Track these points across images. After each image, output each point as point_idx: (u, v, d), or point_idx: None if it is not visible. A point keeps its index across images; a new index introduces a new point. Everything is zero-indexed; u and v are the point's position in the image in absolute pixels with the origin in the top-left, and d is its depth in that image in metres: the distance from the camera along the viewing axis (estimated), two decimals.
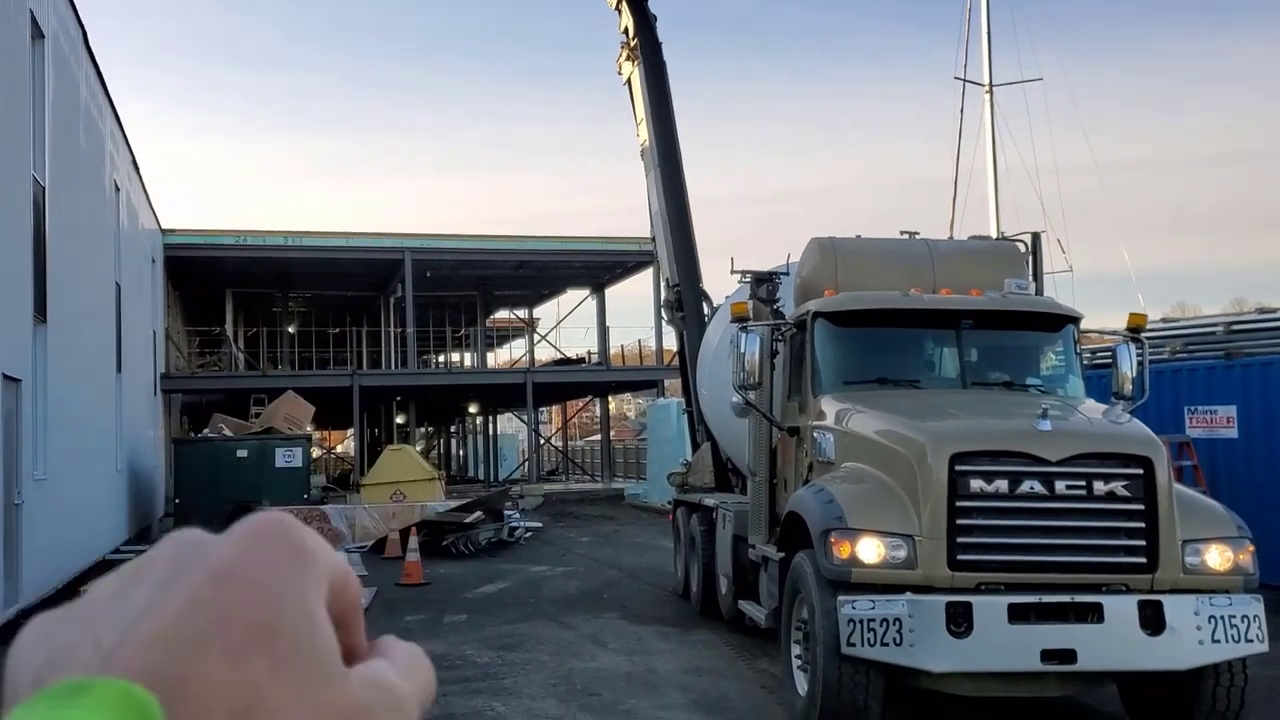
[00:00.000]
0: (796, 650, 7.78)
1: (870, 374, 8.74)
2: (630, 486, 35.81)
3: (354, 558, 19.12)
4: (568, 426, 54.02)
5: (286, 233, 34.14)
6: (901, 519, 7.13)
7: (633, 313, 73.96)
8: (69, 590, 13.96)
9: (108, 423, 20.24)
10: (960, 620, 6.84)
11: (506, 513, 22.04)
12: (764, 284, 10.55)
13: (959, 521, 7.03)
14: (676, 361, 34.99)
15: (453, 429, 62.18)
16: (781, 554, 8.33)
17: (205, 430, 26.45)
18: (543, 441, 47.25)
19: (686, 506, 13.82)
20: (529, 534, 22.31)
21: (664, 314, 15.86)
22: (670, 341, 39.47)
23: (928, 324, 8.90)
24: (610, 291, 41.17)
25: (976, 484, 7.06)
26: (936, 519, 7.02)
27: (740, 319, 9.05)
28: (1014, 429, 7.43)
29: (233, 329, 40.88)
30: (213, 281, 38.34)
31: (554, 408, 58.27)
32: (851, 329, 8.92)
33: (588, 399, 47.16)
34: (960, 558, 7.00)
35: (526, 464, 41.18)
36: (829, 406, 8.52)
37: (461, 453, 61.83)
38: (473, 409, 48.14)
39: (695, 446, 15.37)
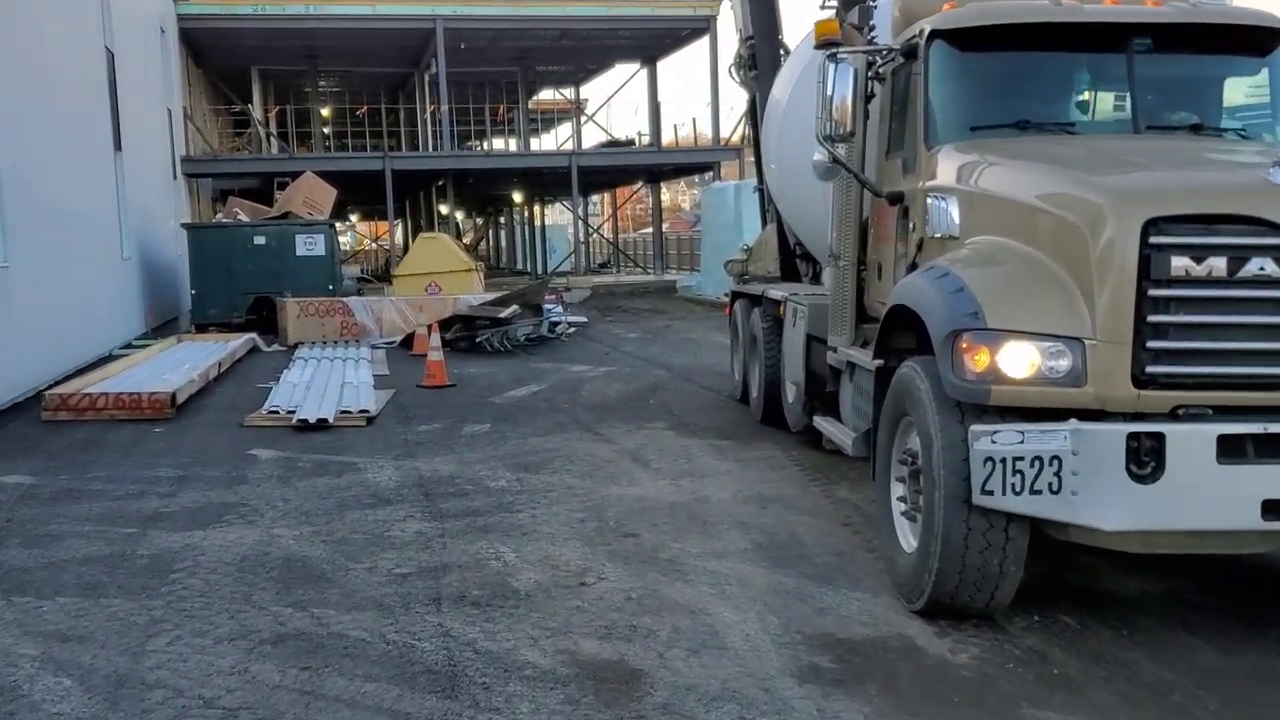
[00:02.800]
0: (899, 491, 5.76)
1: (1007, 116, 6.34)
2: (683, 278, 33.77)
3: (378, 354, 17.44)
4: (619, 216, 51.67)
5: (307, 0, 31.27)
6: (1064, 315, 4.94)
7: (687, 92, 69.82)
8: (49, 387, 12.33)
9: (105, 206, 18.34)
10: (1147, 458, 4.74)
11: (547, 307, 20.11)
12: (854, 6, 8.03)
13: (1152, 318, 4.81)
14: (740, 135, 32.05)
15: (502, 220, 60.15)
16: (879, 361, 6.21)
17: (219, 215, 24.57)
18: (592, 232, 45.06)
19: (747, 299, 11.69)
20: (571, 329, 20.45)
21: (733, 74, 13.28)
22: (727, 123, 36.45)
23: (1086, 45, 6.43)
24: (663, 66, 37.98)
25: (1180, 263, 4.80)
26: (1119, 314, 4.81)
27: (829, 44, 6.65)
28: (1235, 183, 5.11)
29: (262, 111, 38.49)
30: (236, 59, 35.78)
31: (604, 197, 55.81)
32: (981, 54, 6.47)
33: (639, 185, 44.59)
34: (1151, 370, 4.82)
35: (574, 255, 39.15)
36: (949, 161, 6.20)
37: (510, 244, 59.97)
38: (518, 197, 45.84)
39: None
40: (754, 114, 13.47)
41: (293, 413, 11.13)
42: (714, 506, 7.54)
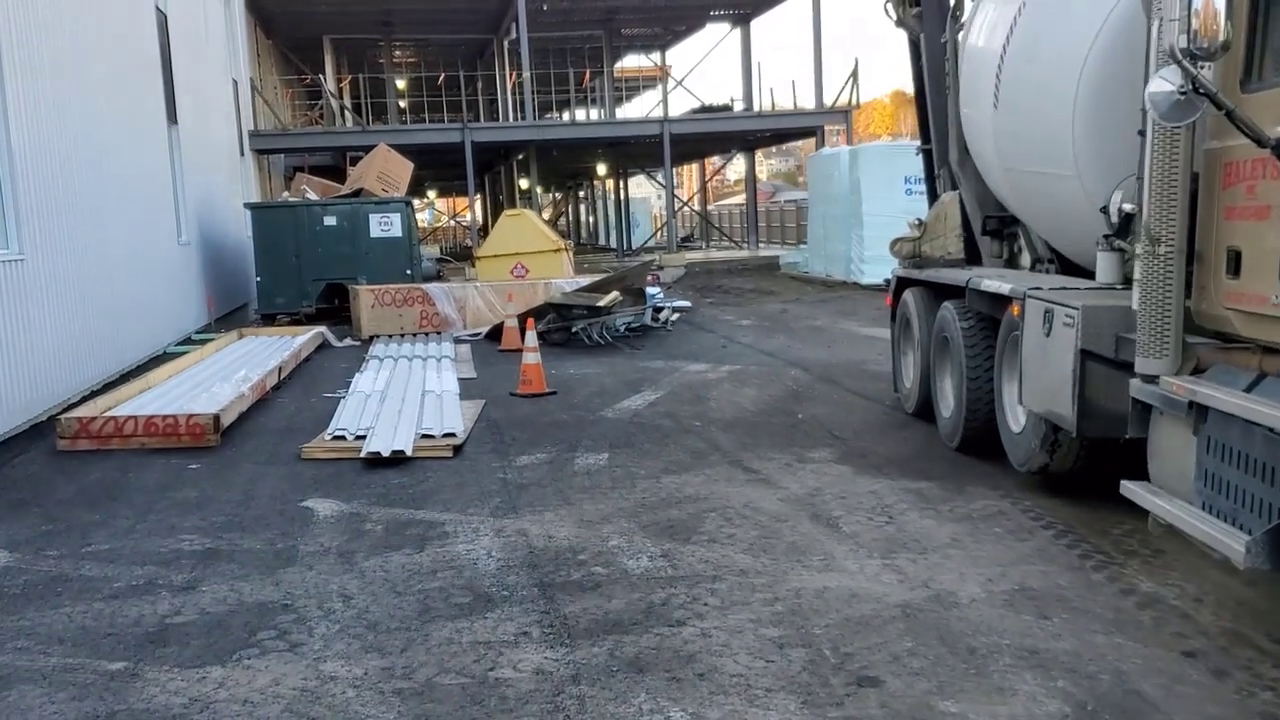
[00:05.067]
0: None
1: None
2: (785, 254, 31.14)
3: (462, 350, 15.27)
4: (706, 187, 49.01)
5: None
6: None
7: (783, 54, 66.60)
8: (79, 401, 10.27)
9: (158, 185, 16.37)
10: None
11: (649, 291, 17.74)
12: None
13: None
14: (848, 97, 28.97)
15: (582, 194, 57.92)
16: None
17: (285, 194, 22.59)
18: (682, 205, 42.53)
19: (930, 289, 9.18)
20: (676, 316, 18.06)
21: (890, 11, 10.83)
22: (831, 86, 33.61)
23: None
24: (756, 25, 35.23)
25: None
26: None
27: None
28: None
29: (335, 83, 36.61)
30: (307, 28, 33.93)
31: (686, 169, 53.30)
32: None
33: (730, 154, 41.95)
34: None
35: (665, 230, 36.70)
36: None
37: (591, 220, 57.75)
38: (601, 170, 43.46)
39: (933, 200, 10.60)
40: (917, 60, 11.03)
41: (362, 438, 8.93)
42: (968, 614, 5.09)
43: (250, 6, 29.45)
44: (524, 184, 37.65)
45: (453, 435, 9.05)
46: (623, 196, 45.16)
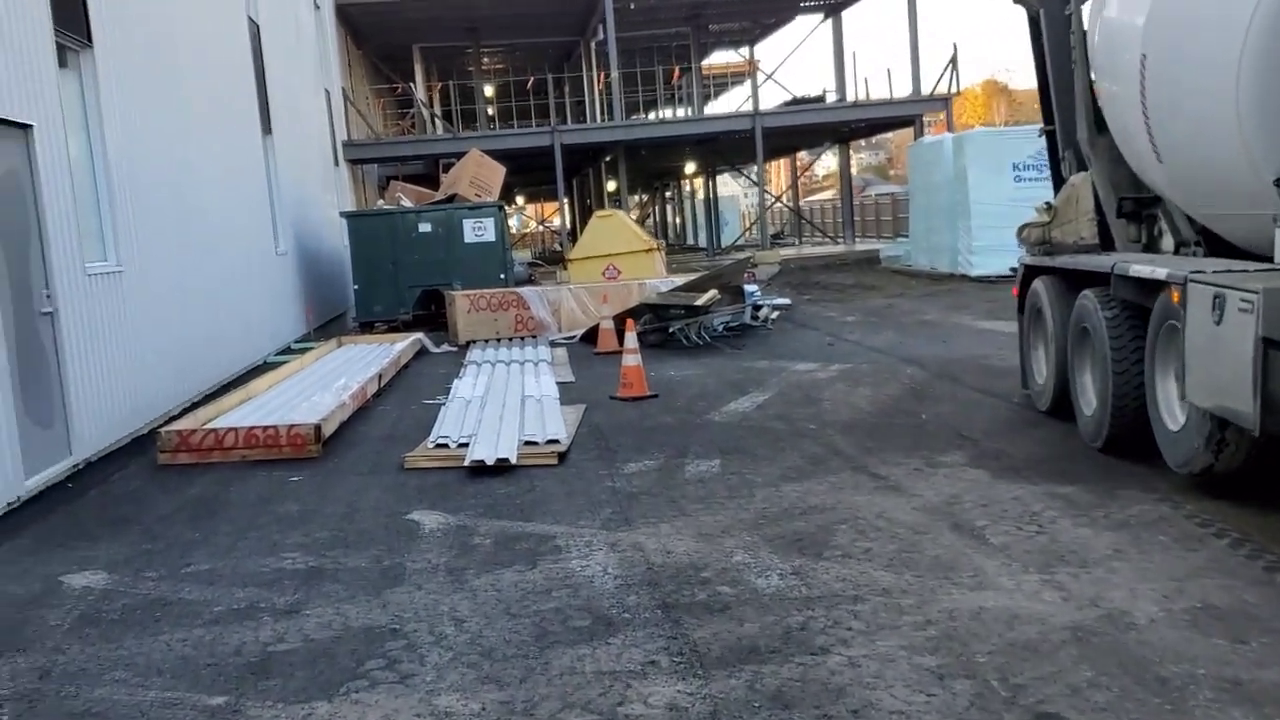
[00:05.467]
0: None
1: None
2: (885, 248, 30.29)
3: (559, 354, 14.95)
4: (782, 184, 48.24)
5: None
6: None
7: (875, 43, 65.52)
8: (181, 413, 10.15)
9: (253, 196, 16.37)
10: None
11: (748, 289, 17.23)
12: None
13: None
14: (947, 85, 27.98)
15: (668, 194, 57.56)
16: None
17: (380, 202, 22.57)
18: (773, 201, 41.82)
19: (1064, 277, 8.53)
20: (775, 314, 17.49)
21: None
22: (931, 71, 32.58)
23: None
24: (847, 15, 34.43)
25: None
26: None
27: None
28: None
29: (426, 93, 36.79)
30: (396, 37, 34.16)
31: (774, 166, 52.61)
32: None
33: (822, 148, 41.11)
34: None
35: (757, 226, 36.08)
36: None
37: (678, 220, 57.38)
38: (690, 168, 43.00)
39: (1057, 184, 9.94)
40: (1037, 38, 10.38)
41: (465, 446, 8.61)
42: (1149, 637, 4.51)
43: (340, 17, 29.69)
44: (612, 186, 37.39)
45: (556, 441, 8.68)
46: (712, 193, 44.63)
